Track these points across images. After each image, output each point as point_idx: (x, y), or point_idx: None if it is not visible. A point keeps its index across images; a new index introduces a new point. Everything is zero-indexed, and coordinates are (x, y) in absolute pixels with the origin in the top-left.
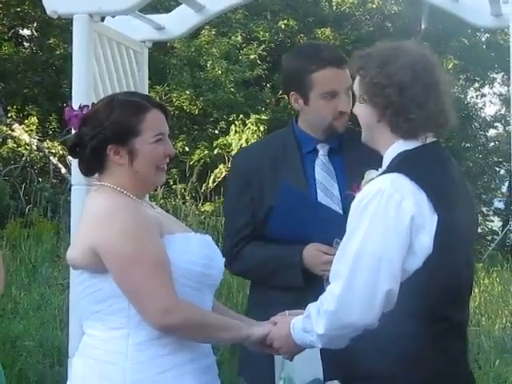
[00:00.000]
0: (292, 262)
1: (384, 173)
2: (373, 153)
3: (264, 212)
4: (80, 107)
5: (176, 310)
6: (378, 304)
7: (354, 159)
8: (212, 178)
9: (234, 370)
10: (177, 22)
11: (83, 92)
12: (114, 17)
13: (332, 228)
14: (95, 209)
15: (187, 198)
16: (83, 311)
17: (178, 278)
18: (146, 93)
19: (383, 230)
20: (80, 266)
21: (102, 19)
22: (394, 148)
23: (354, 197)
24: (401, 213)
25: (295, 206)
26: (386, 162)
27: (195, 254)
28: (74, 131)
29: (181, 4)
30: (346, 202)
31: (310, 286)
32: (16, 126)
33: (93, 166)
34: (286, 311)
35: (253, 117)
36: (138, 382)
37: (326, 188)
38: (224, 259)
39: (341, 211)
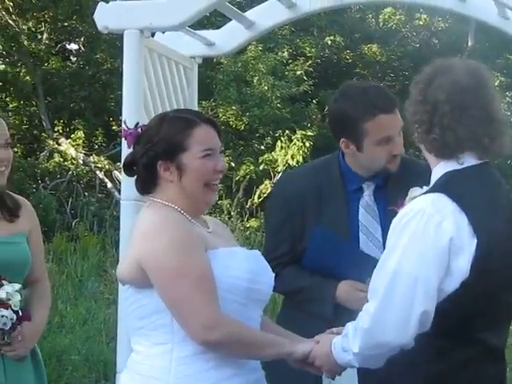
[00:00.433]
0: (326, 296)
1: (428, 192)
2: (419, 181)
3: (302, 248)
4: (136, 126)
5: (218, 326)
6: (413, 325)
7: (399, 194)
8: (258, 193)
9: None
10: (227, 38)
11: (133, 107)
12: (164, 32)
13: (367, 272)
14: (144, 224)
15: (233, 213)
16: (129, 327)
17: (222, 293)
18: (196, 108)
19: (421, 249)
20: (126, 281)
21: (153, 35)
22: (439, 167)
23: (396, 213)
24: (440, 233)
25: (329, 251)
26: (432, 181)
27: (241, 268)
28: (127, 149)
29: (230, 20)
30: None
31: (341, 317)
32: (62, 140)
33: (146, 183)
34: (334, 328)
35: (299, 132)
36: None
37: (369, 231)
38: (274, 275)
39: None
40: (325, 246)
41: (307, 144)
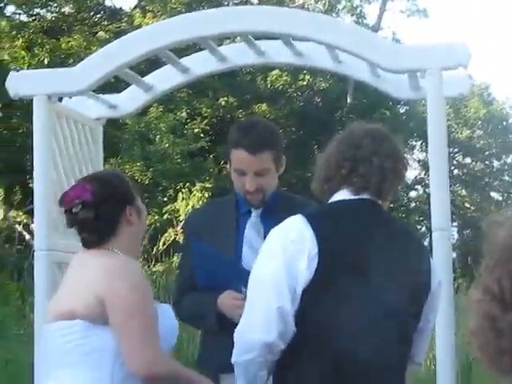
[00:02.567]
0: (207, 310)
1: None
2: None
3: None
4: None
5: (161, 363)
6: (273, 321)
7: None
8: (162, 240)
9: None
10: (128, 101)
11: (44, 166)
12: (70, 97)
13: (237, 278)
14: (104, 264)
15: (140, 259)
16: (62, 360)
17: None
18: (101, 166)
19: (272, 253)
20: (78, 315)
21: (60, 99)
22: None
23: None
24: (286, 239)
25: (210, 266)
26: None
27: (168, 324)
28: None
29: (131, 84)
30: None
31: (226, 329)
32: None
33: (108, 231)
34: None
35: (198, 185)
36: None
37: (252, 245)
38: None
39: None
40: (206, 260)
41: (206, 194)
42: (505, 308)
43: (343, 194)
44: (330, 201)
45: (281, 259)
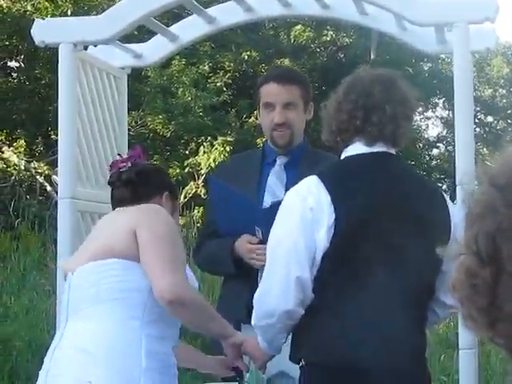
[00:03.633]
0: (225, 254)
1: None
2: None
3: None
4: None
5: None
6: (292, 290)
7: (309, 172)
8: (183, 194)
9: None
10: (153, 50)
11: (68, 114)
12: (95, 46)
13: (253, 218)
14: (137, 207)
15: None
16: (94, 298)
17: None
18: (125, 115)
19: (291, 220)
20: (115, 253)
21: (85, 48)
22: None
23: None
24: (304, 206)
25: (224, 199)
26: None
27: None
28: (126, 165)
29: (156, 34)
30: None
31: (245, 273)
32: (5, 148)
33: (147, 193)
34: None
35: (219, 138)
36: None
37: (273, 191)
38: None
39: None
40: (223, 197)
41: (227, 148)
42: (482, 264)
43: (357, 147)
44: (344, 154)
45: (300, 227)
